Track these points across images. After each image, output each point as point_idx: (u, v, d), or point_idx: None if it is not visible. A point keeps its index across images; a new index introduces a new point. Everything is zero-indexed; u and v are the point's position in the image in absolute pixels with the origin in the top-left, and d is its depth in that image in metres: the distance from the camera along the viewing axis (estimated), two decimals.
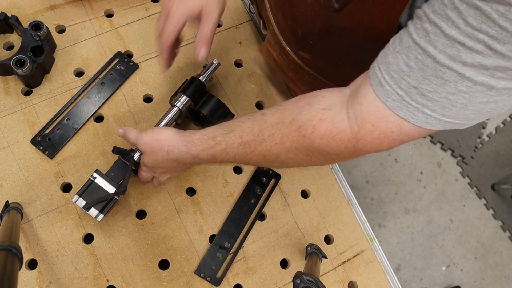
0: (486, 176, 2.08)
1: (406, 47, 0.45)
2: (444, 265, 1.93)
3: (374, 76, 0.49)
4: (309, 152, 0.55)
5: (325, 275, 0.77)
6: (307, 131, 0.53)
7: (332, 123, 0.52)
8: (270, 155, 0.58)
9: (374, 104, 0.49)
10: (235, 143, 0.60)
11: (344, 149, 0.53)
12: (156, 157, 0.66)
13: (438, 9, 0.42)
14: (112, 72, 0.81)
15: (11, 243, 0.52)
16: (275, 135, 0.56)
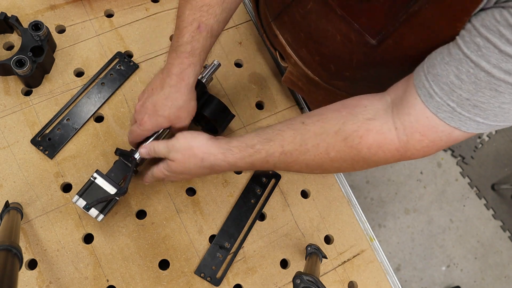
0: (486, 176, 2.08)
1: (456, 59, 0.46)
2: (444, 265, 1.93)
3: (421, 86, 0.50)
4: (355, 162, 0.55)
5: (325, 275, 0.77)
6: (354, 141, 0.53)
7: (379, 133, 0.52)
8: (314, 164, 0.57)
9: (424, 115, 0.49)
10: (276, 152, 0.58)
11: (391, 157, 0.54)
12: (188, 165, 0.63)
13: (489, 24, 0.43)
14: (112, 72, 0.81)
15: (11, 243, 0.52)
16: (320, 145, 0.56)
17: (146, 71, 0.83)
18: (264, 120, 0.84)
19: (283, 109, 0.85)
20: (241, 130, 0.82)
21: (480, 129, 0.48)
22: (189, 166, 0.63)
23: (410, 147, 0.52)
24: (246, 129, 0.82)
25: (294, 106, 0.86)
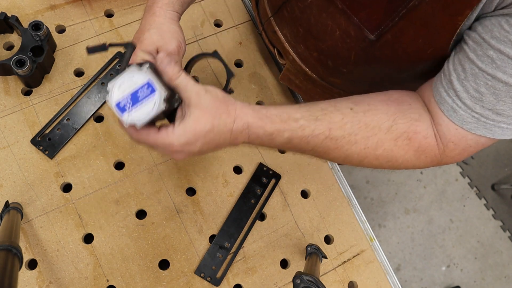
0: (486, 176, 2.08)
1: (472, 74, 0.47)
2: (444, 265, 1.93)
3: (443, 102, 0.51)
4: (396, 163, 0.55)
5: (325, 275, 0.77)
6: (403, 143, 0.53)
7: (425, 138, 0.53)
8: (355, 157, 0.54)
9: (452, 127, 0.51)
10: (322, 134, 0.52)
11: (430, 163, 0.55)
12: (213, 121, 0.48)
13: (499, 36, 0.44)
14: (112, 72, 0.81)
15: (11, 243, 0.52)
16: (370, 139, 0.53)
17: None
18: None
19: None
20: None
21: (505, 134, 0.49)
22: (213, 123, 0.49)
23: (445, 155, 0.53)
24: None
25: None
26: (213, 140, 0.50)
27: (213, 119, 0.49)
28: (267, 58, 0.89)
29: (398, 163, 0.55)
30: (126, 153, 0.77)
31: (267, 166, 0.81)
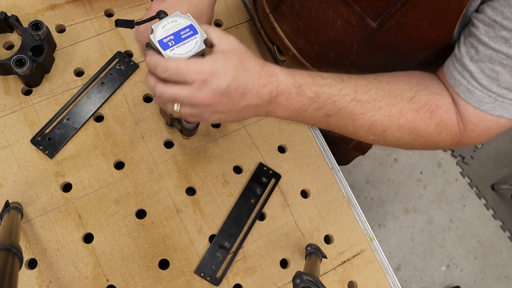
0: (486, 176, 2.08)
1: (486, 55, 0.48)
2: (444, 265, 1.93)
3: (458, 84, 0.51)
4: (418, 136, 0.54)
5: (325, 275, 0.77)
6: (425, 115, 0.53)
7: (447, 112, 0.53)
8: (379, 125, 0.53)
9: (470, 108, 0.51)
10: (348, 96, 0.51)
11: (449, 141, 0.54)
12: (243, 58, 0.48)
13: (511, 16, 0.44)
14: (112, 72, 0.81)
15: (11, 243, 0.52)
16: (394, 107, 0.53)
17: (146, 71, 0.82)
18: (264, 120, 0.84)
19: None
20: (241, 130, 0.82)
21: None
22: (245, 61, 0.48)
23: (465, 134, 0.53)
24: (246, 129, 0.82)
25: None
26: (242, 78, 0.48)
27: (242, 57, 0.49)
28: (267, 57, 0.89)
29: (419, 136, 0.54)
30: (126, 153, 0.77)
31: (267, 166, 0.81)
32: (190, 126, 0.71)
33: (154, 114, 0.80)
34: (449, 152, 2.09)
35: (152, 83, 0.50)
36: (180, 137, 0.80)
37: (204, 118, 0.51)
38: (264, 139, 0.83)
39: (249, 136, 0.82)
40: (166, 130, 0.80)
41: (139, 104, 0.80)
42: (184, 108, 0.50)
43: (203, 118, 0.51)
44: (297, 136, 0.84)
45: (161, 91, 0.49)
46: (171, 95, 0.49)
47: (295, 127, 0.85)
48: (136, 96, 0.81)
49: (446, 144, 0.55)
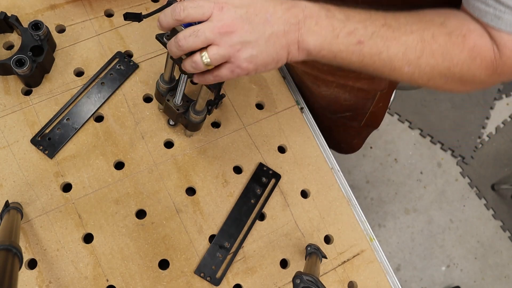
0: (486, 176, 2.08)
1: None
2: (444, 265, 1.93)
3: (485, 14, 0.49)
4: (451, 63, 0.52)
5: (325, 275, 0.77)
6: (458, 39, 0.51)
7: (481, 36, 0.51)
8: (412, 52, 0.51)
9: (504, 34, 0.49)
10: (378, 21, 0.50)
11: (485, 69, 0.51)
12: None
13: None
14: (112, 72, 0.81)
15: (11, 243, 0.52)
16: (425, 31, 0.51)
17: (146, 71, 0.83)
18: (264, 120, 0.84)
19: (283, 109, 0.85)
20: (241, 130, 0.82)
21: None
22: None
23: (502, 62, 0.51)
24: (246, 129, 0.82)
25: (294, 106, 0.86)
26: (260, 3, 0.48)
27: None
28: None
29: (454, 63, 0.52)
30: (126, 153, 0.77)
31: (267, 166, 0.81)
32: (197, 118, 0.71)
33: (154, 114, 0.80)
34: (449, 152, 2.09)
35: (173, 40, 0.50)
36: (180, 137, 0.80)
37: (235, 57, 0.49)
38: (264, 139, 0.83)
39: (249, 136, 0.82)
40: (166, 130, 0.80)
41: (139, 104, 0.80)
42: (211, 50, 0.48)
43: (235, 57, 0.49)
44: (297, 136, 0.84)
45: (184, 35, 0.49)
46: (192, 34, 0.48)
47: (295, 127, 0.85)
48: (136, 96, 0.81)
49: (482, 74, 0.52)
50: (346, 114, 0.58)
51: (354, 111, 0.89)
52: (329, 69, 0.81)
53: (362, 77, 0.81)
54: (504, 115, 2.20)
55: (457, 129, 2.12)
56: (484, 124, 2.16)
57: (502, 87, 2.23)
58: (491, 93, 2.21)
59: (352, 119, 0.88)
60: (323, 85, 0.84)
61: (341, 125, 0.87)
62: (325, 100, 0.88)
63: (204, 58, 0.49)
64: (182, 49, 0.50)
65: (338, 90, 0.84)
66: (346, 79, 0.81)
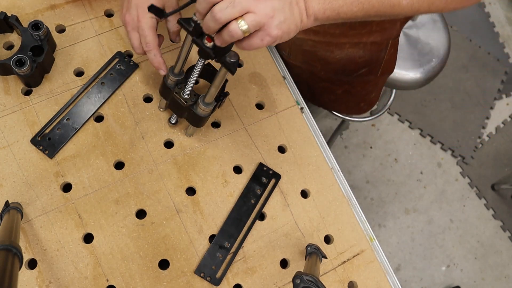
0: (486, 176, 2.08)
1: None
2: (444, 265, 1.93)
3: None
4: None
5: (325, 275, 0.77)
6: None
7: None
8: None
9: None
10: None
11: None
12: None
13: None
14: (112, 72, 0.81)
15: (11, 243, 0.52)
16: None
17: (146, 71, 0.83)
18: (264, 120, 0.84)
19: (283, 109, 0.85)
20: (241, 130, 0.82)
21: None
22: None
23: None
24: (246, 129, 0.82)
25: (294, 106, 0.86)
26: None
27: None
28: (267, 58, 0.89)
29: None
30: (126, 153, 0.77)
31: (267, 166, 0.81)
32: (206, 111, 0.71)
33: (154, 114, 0.80)
34: (449, 152, 2.09)
35: (209, 15, 0.52)
36: (180, 137, 0.80)
37: (268, 24, 0.52)
38: (264, 139, 0.83)
39: (249, 136, 0.82)
40: (166, 130, 0.80)
41: (139, 104, 0.80)
42: (248, 17, 0.51)
43: (267, 25, 0.52)
44: (297, 136, 0.84)
45: (220, 8, 0.51)
46: (229, 5, 0.50)
47: (295, 127, 0.85)
48: (136, 96, 0.81)
49: None
50: (363, 70, 0.61)
51: (370, 66, 0.91)
52: (341, 31, 0.82)
53: (374, 30, 0.83)
54: (504, 115, 2.20)
55: (457, 129, 2.13)
56: (484, 124, 2.16)
57: (502, 87, 2.23)
58: (491, 93, 2.21)
59: (368, 73, 0.90)
60: (337, 49, 0.86)
61: (358, 85, 0.88)
62: (340, 64, 0.89)
63: (241, 25, 0.51)
64: (220, 22, 0.52)
65: (352, 50, 0.86)
66: (359, 37, 0.83)
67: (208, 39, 0.58)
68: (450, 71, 2.18)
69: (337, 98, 0.94)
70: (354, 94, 0.99)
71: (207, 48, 0.59)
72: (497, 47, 2.30)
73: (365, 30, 0.82)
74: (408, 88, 1.32)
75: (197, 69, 0.66)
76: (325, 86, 0.97)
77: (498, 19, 2.36)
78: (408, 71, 1.28)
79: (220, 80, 0.65)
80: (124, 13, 0.65)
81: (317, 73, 0.91)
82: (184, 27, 0.60)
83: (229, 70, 0.60)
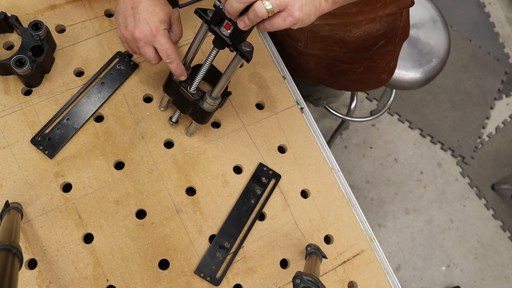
0: (486, 176, 2.08)
1: None
2: (444, 265, 1.93)
3: None
4: None
5: (325, 275, 0.77)
6: None
7: None
8: None
9: None
10: None
11: None
12: None
13: None
14: (112, 72, 0.81)
15: (11, 243, 0.52)
16: None
17: (146, 71, 0.83)
18: (264, 120, 0.84)
19: (283, 109, 0.85)
20: (241, 130, 0.82)
21: None
22: None
23: None
24: (246, 129, 0.82)
25: (294, 106, 0.86)
26: None
27: None
28: (267, 58, 0.89)
29: None
30: (126, 153, 0.77)
31: (267, 166, 0.81)
32: (212, 106, 0.71)
33: (154, 114, 0.80)
34: (449, 152, 2.09)
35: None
36: (180, 137, 0.80)
37: (291, 4, 0.54)
38: (264, 139, 0.83)
39: (249, 136, 0.82)
40: (166, 130, 0.80)
41: (139, 104, 0.80)
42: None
43: (291, 5, 0.54)
44: (297, 136, 0.84)
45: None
46: None
47: (295, 127, 0.85)
48: (136, 96, 0.81)
49: None
50: (381, 43, 0.62)
51: (387, 36, 0.92)
52: (357, 10, 0.83)
53: (388, 2, 0.84)
54: (504, 115, 2.20)
55: (457, 129, 2.13)
56: (484, 124, 2.16)
57: (502, 87, 2.23)
58: (491, 93, 2.21)
59: (387, 44, 0.92)
60: (355, 28, 0.87)
61: (378, 57, 0.90)
62: (359, 41, 0.91)
63: (266, 5, 0.52)
64: (245, 1, 0.53)
65: (369, 26, 0.87)
66: (375, 11, 0.84)
67: (227, 26, 0.59)
68: (450, 71, 2.18)
69: (359, 77, 0.95)
70: (375, 68, 1.00)
71: (225, 36, 0.60)
72: (497, 47, 2.30)
73: (380, 4, 0.84)
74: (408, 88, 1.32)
75: (209, 60, 0.67)
76: (346, 68, 0.97)
77: (498, 19, 2.36)
78: (408, 71, 1.28)
79: (233, 70, 0.66)
80: (132, 30, 0.66)
81: (337, 57, 0.92)
82: (202, 17, 0.61)
83: (245, 58, 0.61)
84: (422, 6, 1.35)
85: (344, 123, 1.72)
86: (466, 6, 2.33)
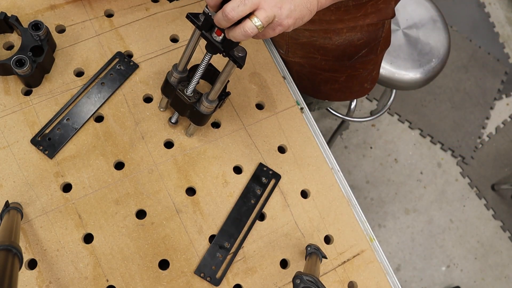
0: (486, 176, 2.08)
1: None
2: (444, 265, 1.93)
3: None
4: None
5: (325, 275, 0.77)
6: None
7: None
8: None
9: None
10: None
11: None
12: None
13: None
14: (112, 72, 0.81)
15: (11, 243, 0.52)
16: None
17: (146, 71, 0.83)
18: (264, 120, 0.84)
19: (283, 109, 0.85)
20: (241, 130, 0.82)
21: None
22: None
23: None
24: (246, 130, 0.82)
25: (294, 106, 0.86)
26: None
27: None
28: (267, 58, 0.89)
29: None
30: (126, 153, 0.77)
31: (267, 166, 0.81)
32: (209, 109, 0.71)
33: (154, 114, 0.80)
34: (449, 152, 2.09)
35: (221, 14, 0.54)
36: (180, 137, 0.80)
37: (278, 15, 0.54)
38: (264, 139, 0.83)
39: (249, 136, 0.82)
40: (166, 130, 0.80)
41: (139, 104, 0.80)
42: (260, 14, 0.53)
43: (278, 16, 0.54)
44: (297, 136, 0.84)
45: (232, 7, 0.52)
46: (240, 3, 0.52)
47: (295, 127, 0.85)
48: (136, 97, 0.81)
49: None
50: (363, 52, 0.62)
51: (369, 46, 0.92)
52: (337, 17, 0.83)
53: (369, 12, 0.84)
54: (504, 115, 2.20)
55: (457, 129, 2.13)
56: (484, 124, 2.16)
57: (502, 87, 2.23)
58: (491, 93, 2.21)
59: (369, 53, 0.92)
60: (335, 35, 0.87)
61: (360, 66, 0.89)
62: (340, 49, 0.90)
63: (255, 22, 0.53)
64: (231, 20, 0.53)
65: (350, 34, 0.87)
66: (355, 20, 0.84)
67: (218, 32, 0.58)
68: (450, 71, 2.18)
69: (341, 86, 0.95)
70: (358, 76, 1.00)
71: (216, 42, 0.59)
72: (497, 47, 2.30)
73: (360, 13, 0.83)
74: (408, 88, 1.32)
75: (203, 64, 0.67)
76: (328, 77, 0.97)
77: (498, 19, 2.36)
78: (408, 71, 1.28)
79: (227, 75, 0.65)
80: None
81: (318, 65, 0.91)
82: (193, 22, 0.60)
83: (237, 64, 0.61)
84: (422, 6, 1.35)
85: (344, 123, 1.72)
86: (466, 6, 2.33)
